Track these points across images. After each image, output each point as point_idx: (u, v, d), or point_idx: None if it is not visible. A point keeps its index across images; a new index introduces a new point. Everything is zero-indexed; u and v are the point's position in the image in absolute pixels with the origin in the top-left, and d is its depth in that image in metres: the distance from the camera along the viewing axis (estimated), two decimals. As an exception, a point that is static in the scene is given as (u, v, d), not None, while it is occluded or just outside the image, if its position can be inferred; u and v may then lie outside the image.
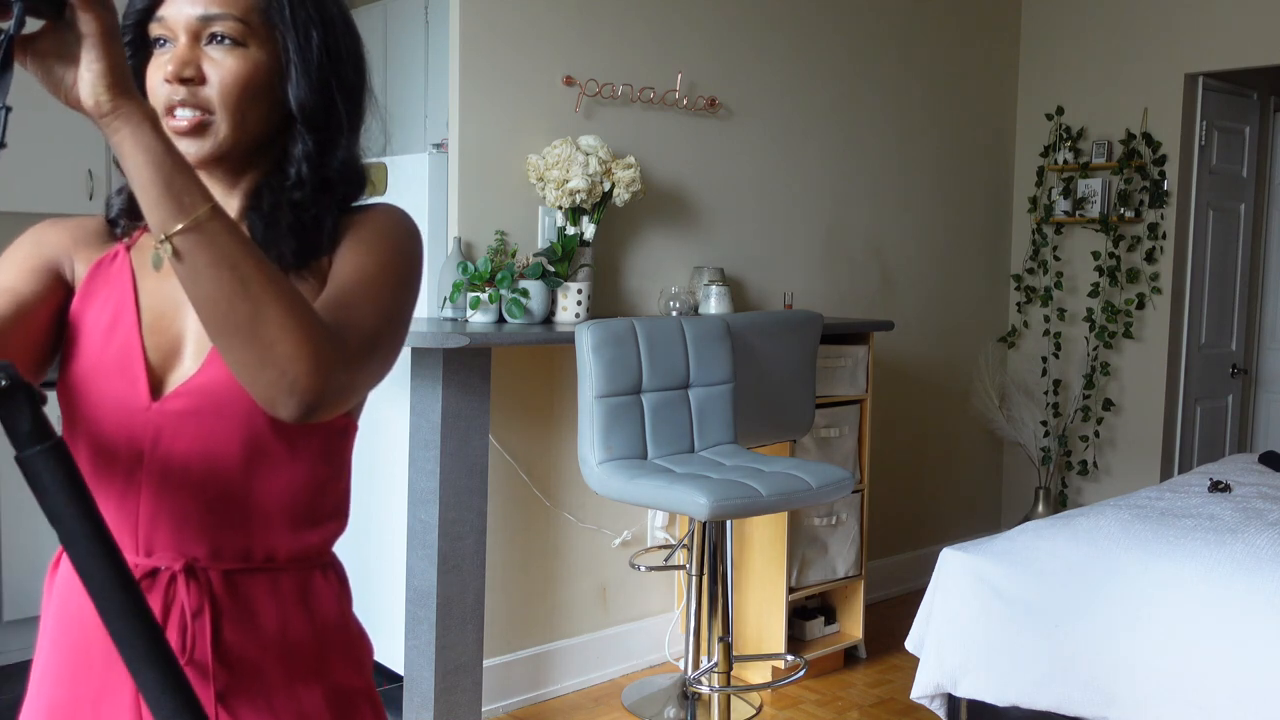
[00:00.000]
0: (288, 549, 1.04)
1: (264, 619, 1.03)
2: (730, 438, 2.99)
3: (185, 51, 1.00)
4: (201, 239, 0.84)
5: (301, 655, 1.05)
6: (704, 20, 3.72)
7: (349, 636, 1.11)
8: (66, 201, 4.00)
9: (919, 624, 2.82)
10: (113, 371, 1.01)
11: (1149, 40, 4.59)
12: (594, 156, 3.17)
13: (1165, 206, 4.55)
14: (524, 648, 3.35)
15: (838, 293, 4.25)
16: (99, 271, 1.07)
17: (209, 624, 1.00)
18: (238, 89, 1.00)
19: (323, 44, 1.04)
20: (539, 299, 3.15)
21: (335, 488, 1.08)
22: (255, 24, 1.01)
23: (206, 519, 1.00)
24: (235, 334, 0.84)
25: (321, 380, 0.86)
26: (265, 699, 1.03)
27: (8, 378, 0.82)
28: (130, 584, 0.84)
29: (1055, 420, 4.86)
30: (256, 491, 1.01)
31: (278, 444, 1.01)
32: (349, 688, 1.09)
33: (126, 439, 1.00)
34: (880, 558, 4.40)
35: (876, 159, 4.37)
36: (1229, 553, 2.50)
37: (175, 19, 1.00)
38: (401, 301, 1.02)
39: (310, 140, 1.05)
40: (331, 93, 1.05)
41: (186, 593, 0.99)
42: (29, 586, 3.66)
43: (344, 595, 1.12)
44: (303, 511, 1.04)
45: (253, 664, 1.02)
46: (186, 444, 0.99)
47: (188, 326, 1.04)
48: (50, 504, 0.83)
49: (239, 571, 1.02)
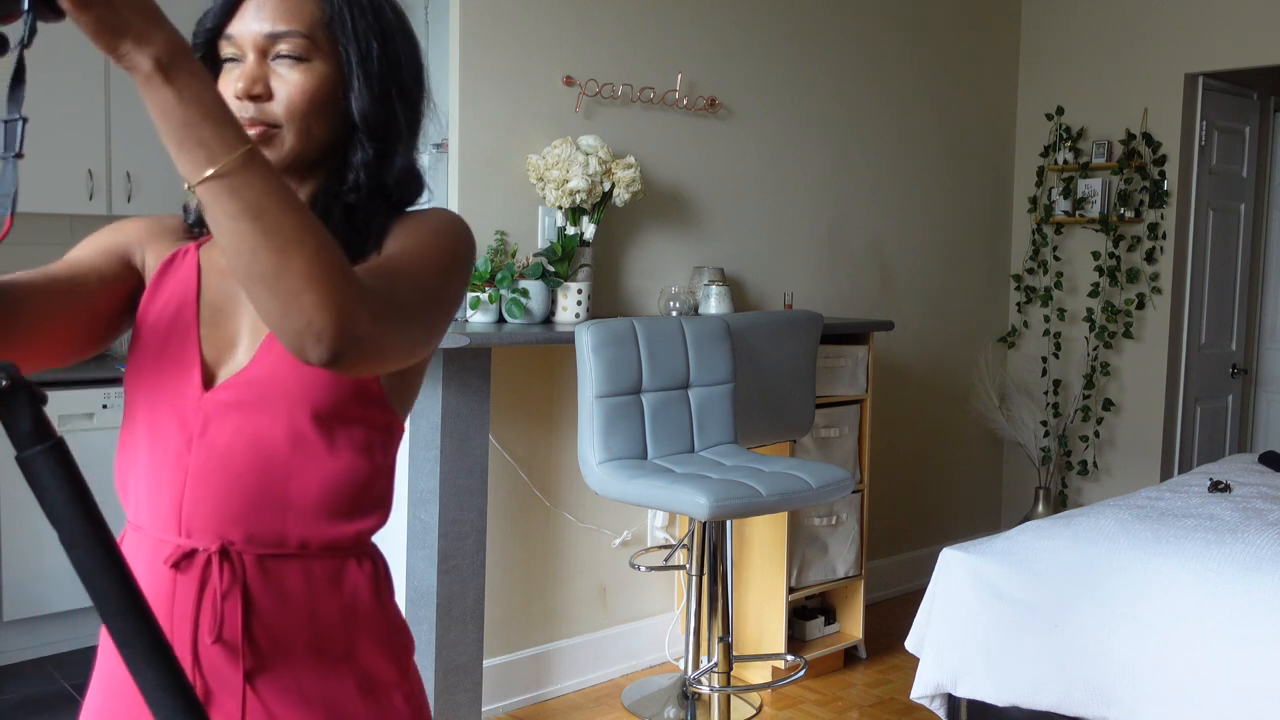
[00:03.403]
0: (322, 538, 1.06)
1: (295, 603, 1.05)
2: (730, 438, 2.99)
3: (253, 69, 1.03)
4: (224, 190, 0.82)
5: (331, 641, 1.07)
6: (704, 20, 3.72)
7: (385, 627, 1.12)
8: (67, 201, 4.01)
9: (919, 624, 2.82)
10: (171, 362, 1.06)
11: (1149, 40, 4.60)
12: (594, 156, 3.17)
13: (1165, 206, 4.55)
14: (524, 648, 3.35)
15: (838, 293, 4.25)
16: (168, 267, 1.12)
17: (240, 606, 1.03)
18: (304, 103, 1.04)
19: (383, 54, 1.08)
20: (539, 299, 3.15)
21: (375, 484, 1.10)
22: (319, 38, 1.05)
23: (244, 505, 1.03)
24: (260, 282, 0.84)
25: (346, 329, 0.85)
26: (295, 681, 1.05)
27: (8, 378, 0.82)
28: (130, 584, 0.84)
29: (1055, 420, 4.86)
30: (294, 482, 1.04)
31: (318, 438, 1.04)
32: (383, 678, 1.10)
33: (178, 425, 1.05)
34: (880, 558, 4.40)
35: (877, 159, 4.37)
36: (1229, 553, 2.50)
37: (243, 37, 1.04)
38: (441, 287, 1.03)
39: (370, 149, 1.08)
40: (392, 101, 1.09)
41: (219, 574, 1.02)
42: (29, 586, 3.66)
43: (381, 585, 1.13)
44: (339, 504, 1.06)
45: (282, 646, 1.04)
46: (231, 433, 1.04)
47: (244, 323, 1.08)
48: (50, 504, 0.83)
49: (272, 556, 1.05)
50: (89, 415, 3.80)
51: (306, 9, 1.05)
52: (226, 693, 1.03)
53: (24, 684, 3.54)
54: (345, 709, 1.07)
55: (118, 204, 4.10)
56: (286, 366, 1.04)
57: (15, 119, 0.82)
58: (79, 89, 3.96)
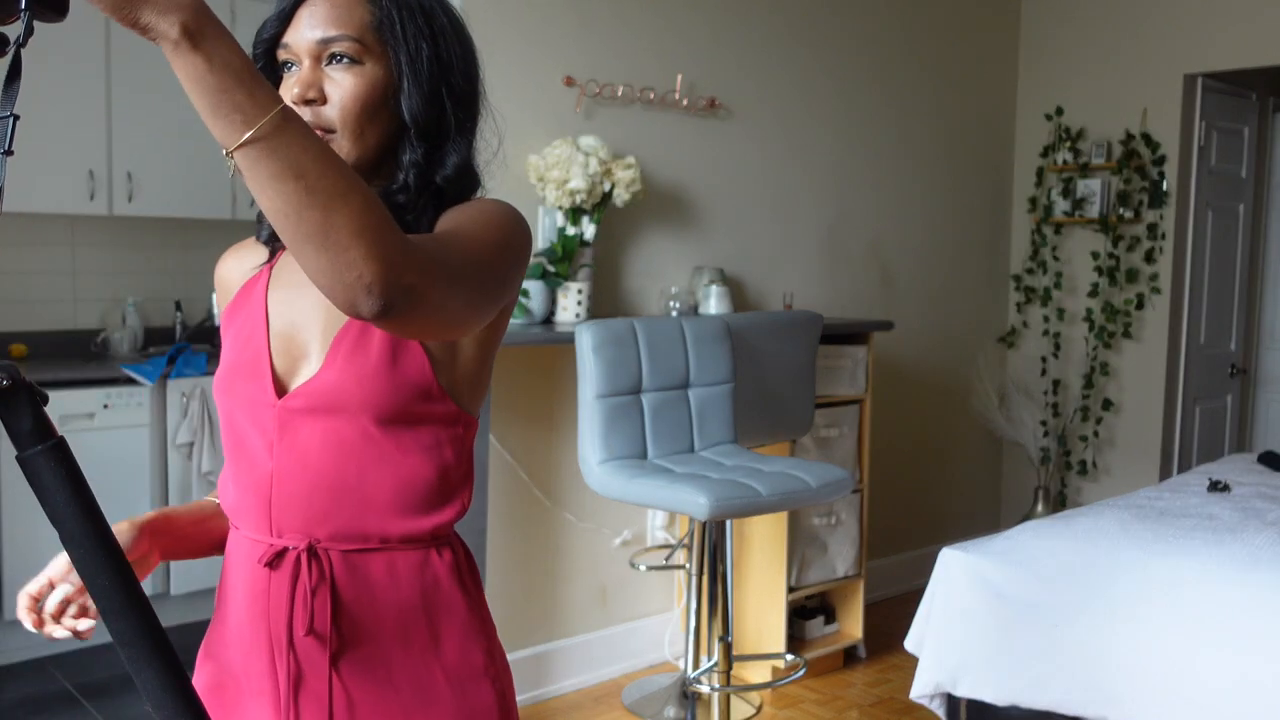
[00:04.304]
0: (400, 532, 1.11)
1: (379, 593, 1.11)
2: (730, 438, 2.99)
3: (308, 74, 1.08)
4: (260, 154, 0.81)
5: (416, 627, 1.12)
6: (704, 20, 3.72)
7: (466, 612, 1.16)
8: (67, 201, 4.00)
9: (918, 624, 2.82)
10: (247, 374, 1.13)
11: (1148, 40, 4.60)
12: (594, 157, 3.17)
13: (1164, 207, 4.55)
14: (524, 647, 3.35)
15: (838, 293, 4.25)
16: (246, 291, 1.20)
17: (328, 599, 1.09)
18: (356, 106, 1.08)
19: (433, 55, 1.11)
20: (539, 299, 3.15)
21: (448, 479, 1.14)
22: (370, 41, 1.08)
23: (326, 506, 1.10)
24: (307, 242, 0.83)
25: (394, 278, 0.85)
26: (385, 669, 1.11)
27: (9, 378, 0.82)
28: (131, 584, 0.84)
29: (1055, 420, 4.86)
30: (369, 483, 1.10)
31: (386, 440, 1.10)
32: (469, 665, 1.15)
33: (259, 433, 1.11)
34: (880, 557, 4.40)
35: (876, 159, 4.37)
36: (1228, 552, 2.50)
37: (298, 43, 1.08)
38: (493, 259, 1.03)
39: (420, 149, 1.12)
40: (442, 101, 1.12)
41: (308, 570, 1.09)
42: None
43: (461, 572, 1.17)
44: (414, 501, 1.11)
45: (368, 634, 1.11)
46: (305, 438, 1.10)
47: (314, 335, 1.13)
48: (51, 504, 0.83)
49: (356, 551, 1.11)
50: (89, 415, 3.80)
51: (357, 14, 1.08)
52: (316, 675, 1.11)
53: (24, 684, 3.55)
54: (431, 693, 1.13)
55: (118, 204, 4.10)
56: (351, 375, 1.09)
57: (6, 116, 0.82)
58: (79, 89, 3.96)
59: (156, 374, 3.91)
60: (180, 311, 4.51)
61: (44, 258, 4.26)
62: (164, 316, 4.49)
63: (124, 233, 4.39)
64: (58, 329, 4.27)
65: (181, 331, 4.47)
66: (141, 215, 4.19)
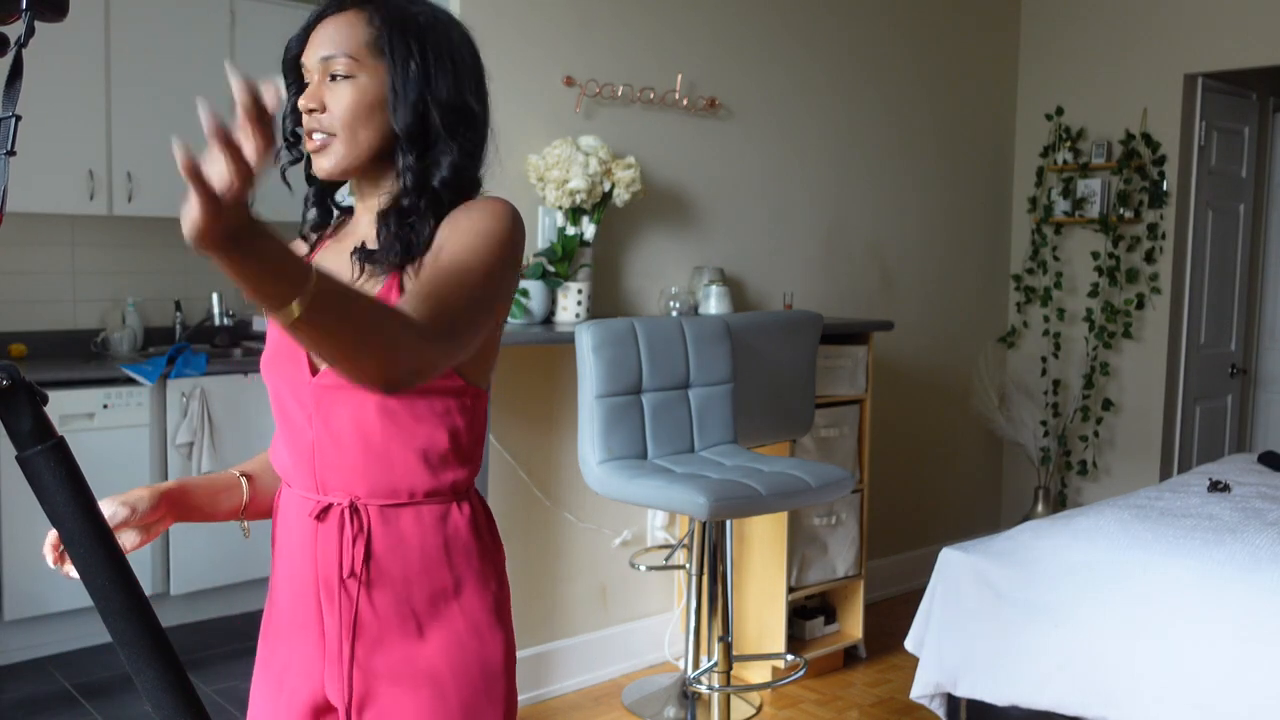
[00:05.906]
0: (425, 487, 1.28)
1: (409, 540, 1.28)
2: (730, 438, 2.99)
3: (314, 88, 1.26)
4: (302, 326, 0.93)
5: (439, 570, 1.29)
6: (704, 20, 3.72)
7: (480, 557, 1.34)
8: (67, 201, 4.00)
9: (918, 624, 2.82)
10: (287, 356, 1.29)
11: (1149, 40, 4.60)
12: (594, 157, 3.17)
13: (1164, 207, 4.55)
14: (524, 647, 3.35)
15: (838, 293, 4.25)
16: None
17: (364, 547, 1.26)
18: (348, 114, 1.25)
19: (420, 69, 1.25)
20: (539, 299, 3.15)
21: (460, 441, 1.30)
22: (364, 58, 1.25)
23: (360, 466, 1.26)
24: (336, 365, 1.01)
25: (398, 375, 1.03)
26: (413, 614, 1.28)
27: (9, 377, 0.82)
28: (131, 584, 0.84)
29: (1055, 420, 4.86)
30: (393, 446, 1.26)
31: (403, 410, 1.26)
32: (482, 608, 1.34)
33: (300, 406, 1.28)
34: (880, 557, 4.40)
35: (876, 159, 4.37)
36: (1228, 552, 2.50)
37: (310, 61, 1.27)
38: (491, 290, 1.20)
39: (411, 155, 1.26)
40: (427, 110, 1.26)
41: (350, 523, 1.26)
42: (29, 586, 3.66)
43: (478, 522, 1.34)
44: (433, 461, 1.27)
45: (399, 579, 1.27)
46: (338, 410, 1.26)
47: None
48: (51, 504, 0.83)
49: (390, 505, 1.27)
50: (89, 415, 3.80)
51: (356, 33, 1.25)
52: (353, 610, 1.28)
53: (24, 684, 3.55)
54: (447, 625, 1.30)
55: (118, 204, 4.10)
56: None
57: (8, 116, 0.82)
58: (79, 89, 3.96)
59: (156, 374, 3.91)
60: (180, 311, 4.51)
61: (44, 258, 4.26)
62: (164, 316, 4.49)
63: (124, 233, 4.38)
64: (57, 329, 4.27)
65: (181, 331, 4.47)
66: (141, 215, 4.19)
